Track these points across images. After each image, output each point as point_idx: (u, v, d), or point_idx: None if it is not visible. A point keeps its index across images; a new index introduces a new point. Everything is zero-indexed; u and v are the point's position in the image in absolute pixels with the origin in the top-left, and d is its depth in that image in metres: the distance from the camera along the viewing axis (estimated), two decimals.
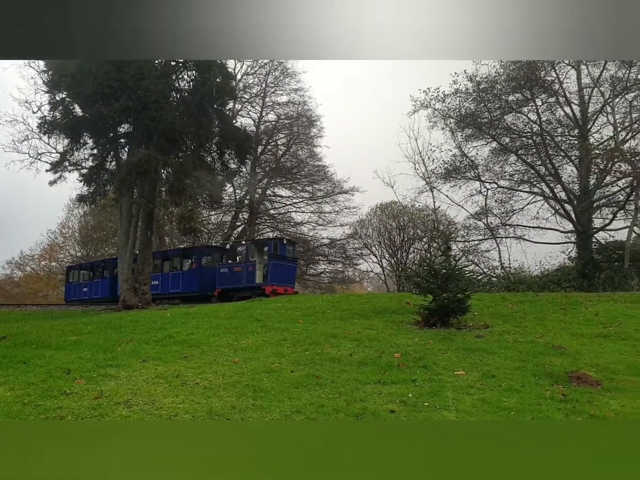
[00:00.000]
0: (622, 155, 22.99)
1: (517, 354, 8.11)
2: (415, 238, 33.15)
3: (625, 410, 5.64)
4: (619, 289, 18.29)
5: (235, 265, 24.17)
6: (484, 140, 27.30)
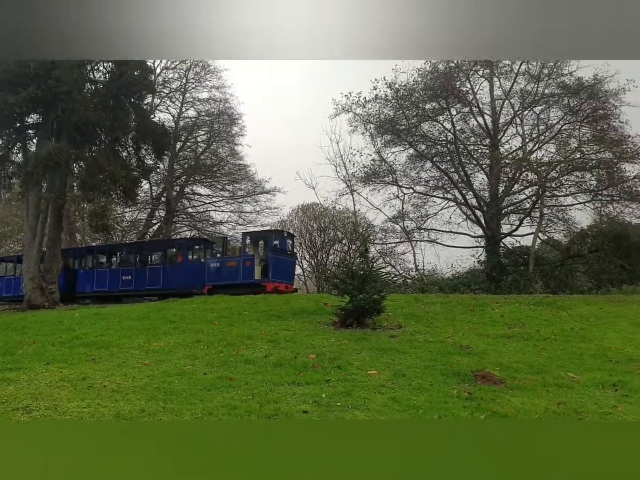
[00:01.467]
0: (529, 165, 24.35)
1: (427, 354, 8.39)
2: (335, 240, 33.52)
3: (525, 407, 5.96)
4: (523, 292, 19.32)
5: (229, 259, 22.35)
6: (402, 146, 28.05)
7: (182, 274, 22.04)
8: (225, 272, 21.27)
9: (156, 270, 23.20)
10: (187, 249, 23.34)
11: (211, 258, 22.72)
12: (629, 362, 7.86)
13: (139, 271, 23.53)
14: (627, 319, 11.04)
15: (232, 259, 22.07)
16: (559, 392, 6.54)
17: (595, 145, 24.42)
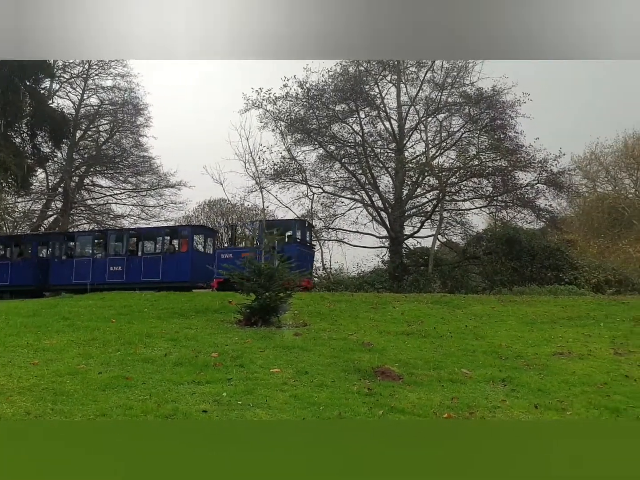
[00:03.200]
0: (431, 170, 25.40)
1: (330, 351, 8.48)
2: (243, 237, 33.23)
3: (421, 402, 6.16)
4: (423, 291, 20.07)
5: (243, 250, 20.24)
6: (312, 145, 28.31)
7: (186, 265, 20.10)
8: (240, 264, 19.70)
9: (154, 260, 20.88)
10: (193, 238, 21.31)
11: (222, 248, 21.06)
12: (517, 358, 8.35)
13: (131, 261, 21.22)
14: (516, 318, 11.74)
15: (247, 250, 19.78)
16: (453, 387, 6.83)
17: (492, 154, 25.91)
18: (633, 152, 34.31)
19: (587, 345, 9.16)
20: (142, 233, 23.65)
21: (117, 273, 20.93)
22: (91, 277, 21.43)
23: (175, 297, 15.19)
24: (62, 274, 22.03)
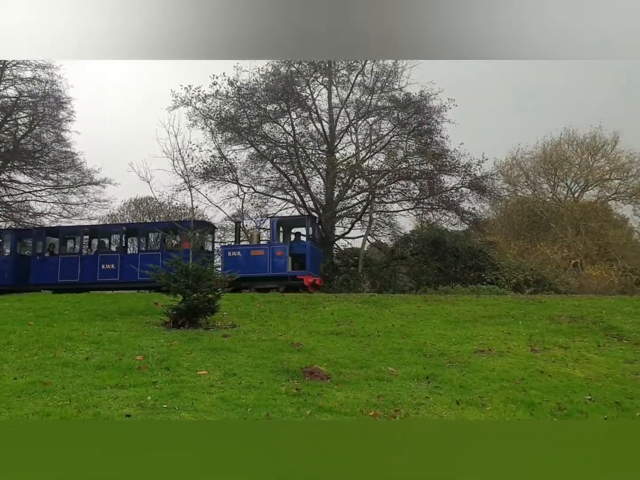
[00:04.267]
0: (361, 173, 25.78)
1: (259, 352, 8.44)
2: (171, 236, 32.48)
3: (349, 400, 6.25)
4: (352, 291, 20.33)
5: (253, 247, 19.46)
6: (243, 145, 28.04)
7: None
8: (249, 262, 18.57)
9: (152, 258, 19.24)
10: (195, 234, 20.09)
11: (228, 245, 19.75)
12: (440, 356, 8.62)
13: (126, 259, 19.87)
14: (440, 317, 12.11)
15: (258, 248, 19.19)
16: (380, 385, 6.97)
17: (419, 157, 26.61)
18: (551, 158, 36.20)
19: (506, 343, 9.58)
20: (140, 229, 22.19)
21: (109, 272, 19.65)
22: (80, 275, 20.11)
23: (99, 298, 14.67)
24: (45, 273, 20.51)
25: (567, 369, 8.02)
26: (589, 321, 11.27)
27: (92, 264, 20.05)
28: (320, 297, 15.45)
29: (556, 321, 11.43)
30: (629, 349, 9.32)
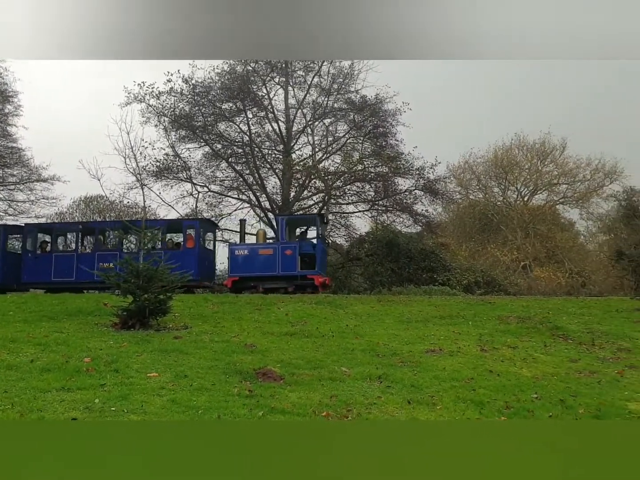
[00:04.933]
0: (318, 174, 25.86)
1: (211, 354, 8.33)
2: (122, 235, 31.74)
3: (301, 401, 6.23)
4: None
5: (261, 246, 18.91)
6: (198, 143, 27.72)
7: (193, 262, 18.14)
8: (257, 261, 18.14)
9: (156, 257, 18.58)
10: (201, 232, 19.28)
11: (236, 244, 19.05)
12: (393, 356, 8.71)
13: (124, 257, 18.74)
14: (393, 317, 12.25)
15: (267, 246, 18.73)
16: (333, 385, 6.98)
17: (374, 160, 26.91)
18: (502, 163, 37.17)
19: (456, 343, 9.76)
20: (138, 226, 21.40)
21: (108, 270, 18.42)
22: (75, 274, 19.14)
23: (45, 299, 14.19)
24: (37, 271, 19.47)
25: (515, 368, 8.22)
26: (536, 321, 11.59)
27: (89, 262, 19.09)
28: (274, 298, 15.39)
29: (505, 321, 11.72)
30: (574, 349, 9.64)
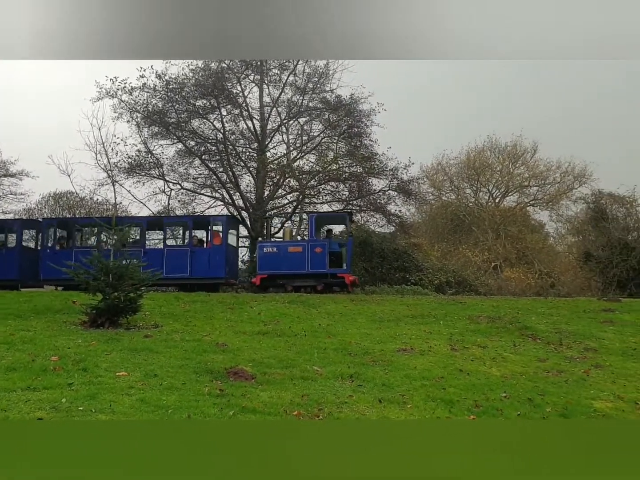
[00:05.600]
0: (292, 173, 25.80)
1: (182, 353, 8.25)
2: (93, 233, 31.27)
3: (273, 400, 6.21)
4: (281, 290, 20.28)
5: (291, 243, 18.64)
6: (171, 140, 27.35)
7: (220, 260, 17.95)
8: (286, 259, 17.97)
9: (179, 254, 18.38)
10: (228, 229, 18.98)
11: (264, 241, 18.80)
12: (365, 355, 8.74)
13: (150, 254, 18.35)
14: (366, 316, 12.30)
15: (296, 244, 18.44)
16: (304, 384, 6.97)
17: (349, 159, 26.96)
18: (474, 165, 37.63)
19: (427, 342, 9.84)
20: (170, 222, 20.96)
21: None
22: None
23: (12, 296, 13.89)
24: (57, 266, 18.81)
25: (484, 367, 8.33)
26: (506, 321, 11.77)
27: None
28: (247, 297, 15.34)
29: (475, 321, 11.87)
30: (542, 348, 9.81)
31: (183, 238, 20.70)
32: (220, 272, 18.17)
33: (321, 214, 20.69)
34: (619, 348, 9.87)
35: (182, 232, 21.27)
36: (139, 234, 19.80)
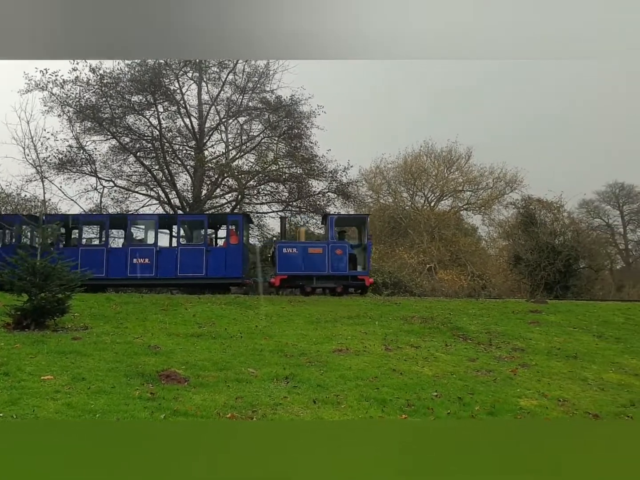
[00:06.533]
0: (231, 172, 25.55)
1: (112, 355, 8.00)
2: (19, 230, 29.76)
3: (206, 403, 6.11)
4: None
5: (312, 244, 18.41)
6: (104, 136, 26.52)
7: (237, 259, 17.62)
8: (306, 260, 17.73)
9: (195, 252, 17.73)
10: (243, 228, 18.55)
11: (283, 241, 18.16)
12: (301, 356, 8.75)
13: (163, 253, 17.73)
14: (303, 318, 12.32)
15: (317, 245, 18.28)
16: (239, 386, 6.90)
17: (289, 161, 26.98)
18: (411, 169, 38.42)
19: (363, 342, 9.97)
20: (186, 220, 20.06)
21: (143, 266, 17.52)
22: (106, 270, 17.60)
23: None
24: None
25: (417, 367, 8.51)
26: (438, 322, 12.08)
27: (121, 258, 17.82)
28: (182, 298, 15.03)
29: (409, 322, 12.12)
30: (472, 348, 10.13)
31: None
32: (237, 272, 17.96)
33: (341, 216, 20.69)
34: (544, 348, 10.31)
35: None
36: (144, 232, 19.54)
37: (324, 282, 18.00)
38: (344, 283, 18.04)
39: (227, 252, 17.97)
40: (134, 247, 18.17)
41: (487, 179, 38.21)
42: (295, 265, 17.88)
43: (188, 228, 20.21)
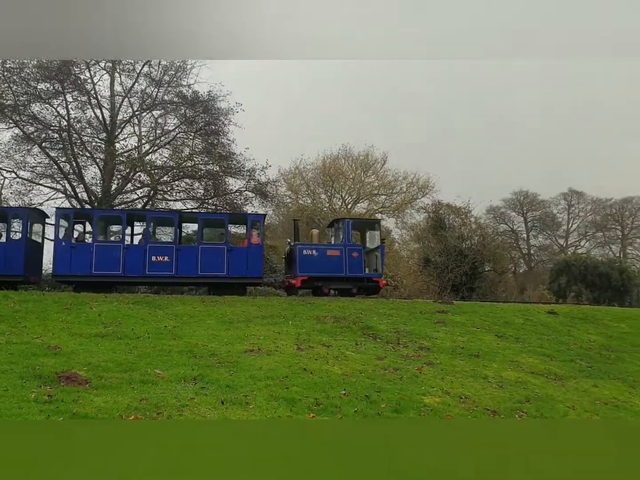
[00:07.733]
0: (143, 166, 24.75)
1: (7, 356, 7.52)
2: None
3: (108, 405, 5.89)
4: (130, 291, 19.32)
5: (329, 247, 18.85)
6: (6, 124, 24.87)
7: (258, 259, 17.51)
8: (325, 262, 17.99)
9: (216, 251, 17.27)
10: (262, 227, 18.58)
11: (302, 243, 18.47)
12: (211, 356, 8.60)
13: (184, 251, 17.18)
14: (216, 318, 12.11)
15: (334, 247, 18.59)
16: (144, 388, 6.69)
17: (205, 157, 26.50)
18: (329, 171, 38.86)
19: (275, 342, 9.95)
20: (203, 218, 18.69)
21: (162, 264, 16.60)
22: (122, 267, 16.43)
23: None
24: (73, 262, 16.20)
25: (327, 366, 8.61)
26: (350, 321, 12.28)
27: (139, 255, 16.81)
28: (87, 297, 14.35)
29: (322, 321, 12.24)
30: (381, 347, 10.38)
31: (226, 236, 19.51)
32: (258, 272, 17.72)
33: (356, 220, 21.65)
34: (449, 347, 10.75)
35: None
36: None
37: (341, 284, 18.34)
38: (360, 285, 18.47)
39: (248, 252, 17.75)
40: (153, 245, 17.41)
41: (401, 183, 39.36)
42: (315, 266, 18.13)
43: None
